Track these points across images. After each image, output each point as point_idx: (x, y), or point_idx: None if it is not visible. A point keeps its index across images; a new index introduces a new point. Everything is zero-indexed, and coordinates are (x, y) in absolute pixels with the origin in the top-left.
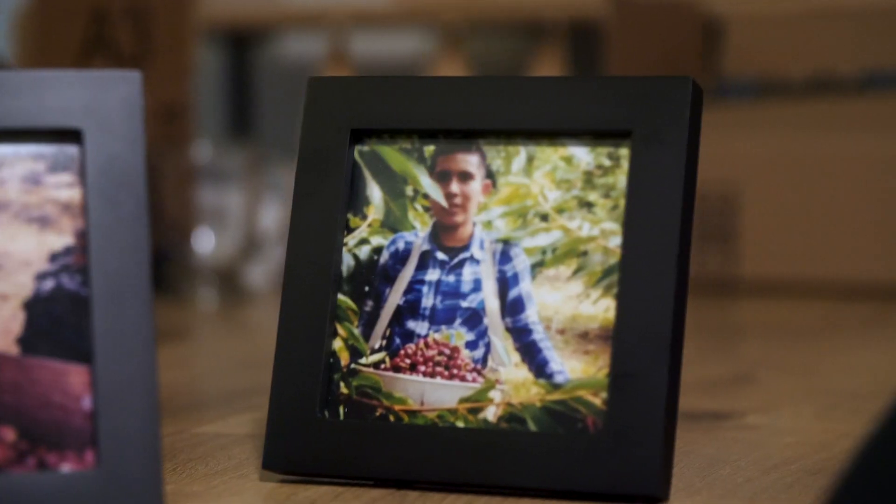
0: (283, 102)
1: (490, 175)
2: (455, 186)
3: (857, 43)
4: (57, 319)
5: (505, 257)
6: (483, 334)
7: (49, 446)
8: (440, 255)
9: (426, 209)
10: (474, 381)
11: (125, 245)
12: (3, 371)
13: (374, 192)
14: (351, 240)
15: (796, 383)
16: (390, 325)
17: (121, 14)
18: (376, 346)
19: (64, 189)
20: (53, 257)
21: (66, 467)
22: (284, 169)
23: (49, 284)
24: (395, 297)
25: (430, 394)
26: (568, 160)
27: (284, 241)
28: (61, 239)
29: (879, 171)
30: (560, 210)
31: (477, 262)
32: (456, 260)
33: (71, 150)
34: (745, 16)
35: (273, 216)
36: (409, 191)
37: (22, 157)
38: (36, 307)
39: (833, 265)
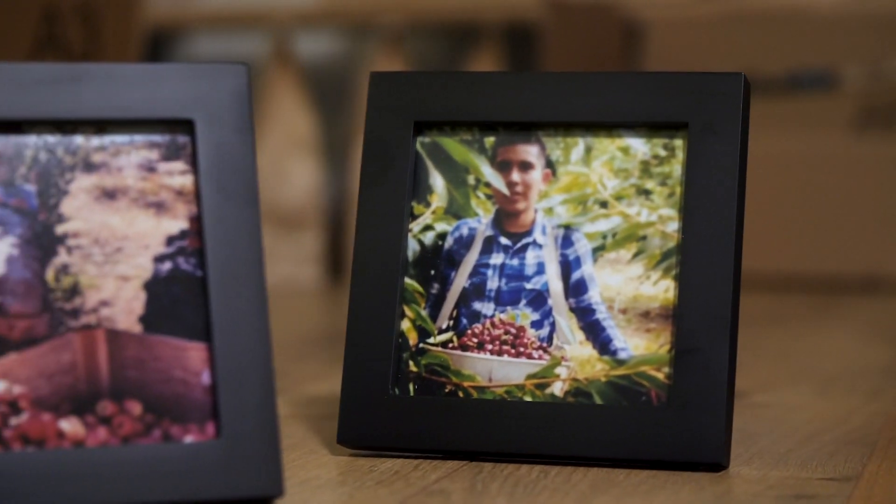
0: None
1: (550, 165)
2: (516, 175)
3: (781, 44)
4: (175, 299)
5: (567, 242)
6: (548, 314)
7: (172, 419)
8: (503, 240)
9: (488, 197)
10: (541, 358)
11: (237, 228)
12: (128, 348)
13: (437, 180)
14: (416, 226)
15: (780, 365)
16: (457, 306)
17: (71, 13)
18: (443, 326)
19: (177, 176)
20: (170, 240)
21: (189, 438)
22: None
23: (167, 266)
24: (460, 280)
25: (498, 371)
26: (625, 150)
27: None
28: (176, 223)
29: (807, 169)
30: (619, 197)
31: (539, 246)
32: (519, 244)
33: (182, 139)
34: (667, 20)
35: None
36: (471, 180)
37: (137, 145)
38: (155, 288)
39: (770, 260)
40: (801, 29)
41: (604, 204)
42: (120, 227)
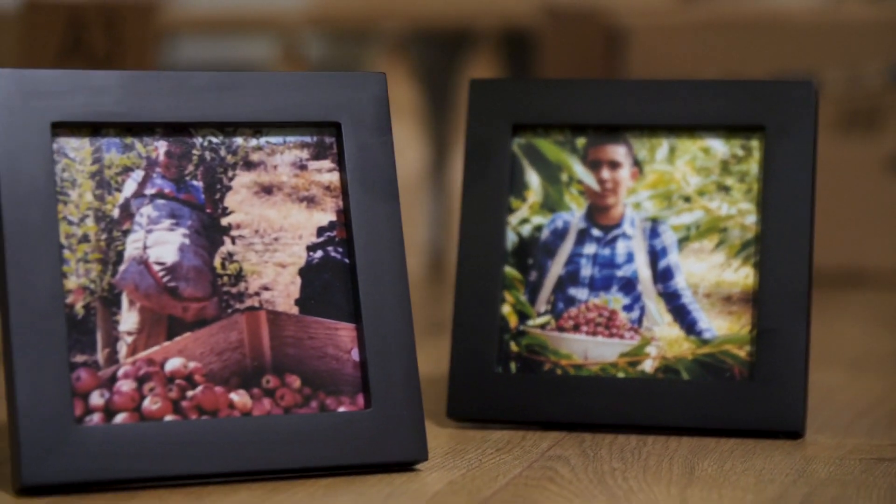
0: None
1: (637, 163)
2: (606, 173)
3: (761, 50)
4: (326, 284)
5: (654, 233)
6: (638, 299)
7: (327, 391)
8: (595, 232)
9: (581, 193)
10: (632, 338)
11: (380, 221)
12: (287, 328)
13: (532, 178)
14: (514, 219)
15: None
16: (553, 292)
17: (95, 19)
18: (541, 310)
19: (325, 173)
20: (320, 231)
21: (343, 409)
22: None
23: (318, 255)
24: (556, 268)
25: (593, 350)
26: (706, 150)
27: None
28: (326, 216)
29: None
30: (701, 193)
31: (629, 237)
32: (610, 236)
33: (329, 139)
34: (650, 26)
35: None
36: (563, 177)
37: (290, 145)
38: (309, 274)
39: None
40: (781, 35)
41: (687, 199)
42: (276, 219)
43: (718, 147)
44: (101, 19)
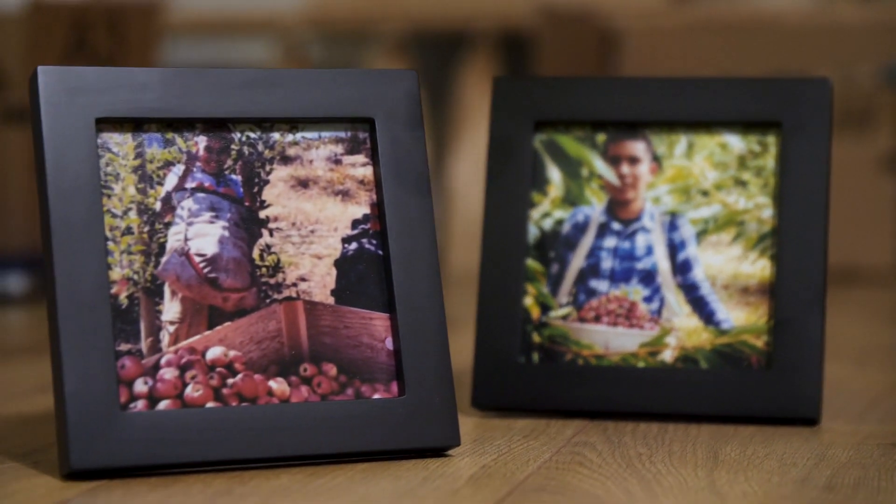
0: None
1: (656, 159)
2: (626, 168)
3: (753, 52)
4: (361, 275)
5: (673, 227)
6: (657, 290)
7: (362, 379)
8: (615, 226)
9: (601, 187)
10: (652, 329)
11: (413, 213)
12: (323, 317)
13: (554, 173)
14: (535, 213)
15: None
16: (575, 284)
17: (99, 20)
18: (563, 301)
19: (359, 167)
20: (355, 224)
21: (377, 396)
22: None
23: (353, 246)
24: (577, 261)
25: (614, 340)
26: (723, 146)
27: None
28: (360, 209)
29: None
30: (718, 187)
31: (648, 231)
32: (630, 229)
33: (362, 134)
34: (643, 29)
35: None
36: (584, 172)
37: (325, 140)
38: (344, 265)
39: None
40: (773, 36)
41: (705, 193)
42: (312, 212)
43: (735, 143)
44: (105, 20)
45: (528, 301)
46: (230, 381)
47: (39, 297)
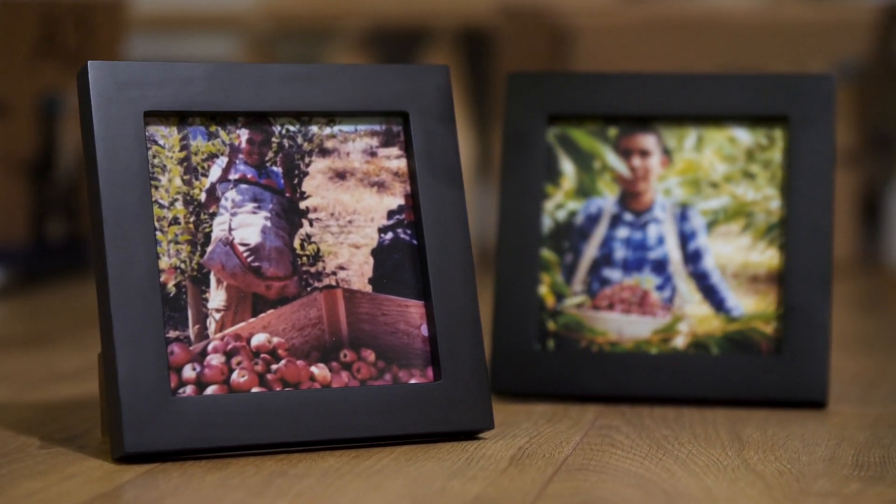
0: None
1: (666, 152)
2: (637, 161)
3: (705, 49)
4: (397, 264)
5: (683, 217)
6: (669, 279)
7: (399, 365)
8: (628, 217)
9: (613, 179)
10: (664, 316)
11: (447, 204)
12: (361, 305)
13: (567, 166)
14: (549, 204)
15: None
16: (589, 273)
17: (67, 16)
18: (577, 290)
19: (394, 160)
20: (390, 214)
21: (414, 381)
22: None
23: (389, 236)
24: (591, 251)
25: (627, 328)
26: (731, 140)
27: None
28: (395, 200)
29: None
30: (727, 179)
31: (659, 221)
32: (642, 220)
33: (396, 128)
34: (596, 26)
35: None
36: (596, 165)
37: (361, 133)
38: (381, 254)
39: None
40: (724, 34)
41: (714, 185)
42: (350, 202)
43: (744, 136)
44: (73, 15)
45: (543, 290)
46: (274, 366)
47: (16, 290)
